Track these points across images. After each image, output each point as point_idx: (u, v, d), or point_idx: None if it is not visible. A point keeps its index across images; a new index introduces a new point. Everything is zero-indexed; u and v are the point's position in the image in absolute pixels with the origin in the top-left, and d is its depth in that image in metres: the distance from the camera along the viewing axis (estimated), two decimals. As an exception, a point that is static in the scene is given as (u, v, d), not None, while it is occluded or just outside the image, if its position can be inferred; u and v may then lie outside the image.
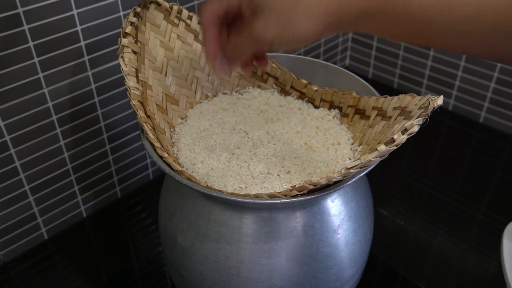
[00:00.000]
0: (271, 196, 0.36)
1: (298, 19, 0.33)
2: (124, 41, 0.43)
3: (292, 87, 0.52)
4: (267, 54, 0.45)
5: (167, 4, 0.47)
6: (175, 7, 0.48)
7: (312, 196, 0.36)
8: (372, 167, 0.36)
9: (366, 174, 0.38)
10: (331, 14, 0.33)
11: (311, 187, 0.36)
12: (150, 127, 0.41)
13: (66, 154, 0.58)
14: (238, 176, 0.41)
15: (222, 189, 0.40)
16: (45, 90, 0.53)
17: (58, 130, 0.56)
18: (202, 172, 0.42)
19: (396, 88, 0.90)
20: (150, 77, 0.46)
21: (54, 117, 0.55)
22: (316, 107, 0.50)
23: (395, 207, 0.65)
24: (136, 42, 0.45)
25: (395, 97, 0.43)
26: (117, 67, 0.58)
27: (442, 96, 0.36)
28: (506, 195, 0.66)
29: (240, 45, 0.36)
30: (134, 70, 0.44)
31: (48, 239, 0.61)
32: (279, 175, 0.41)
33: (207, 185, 0.39)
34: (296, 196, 0.36)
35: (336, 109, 0.49)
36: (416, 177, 0.70)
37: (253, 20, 0.34)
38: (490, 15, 0.29)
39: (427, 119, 0.35)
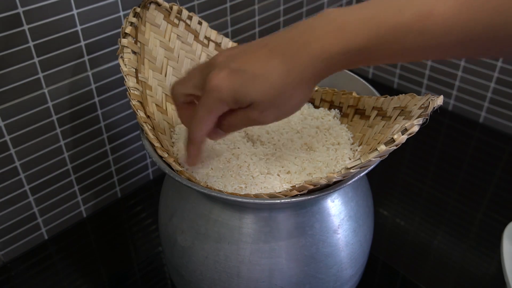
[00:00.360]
0: (271, 196, 0.36)
1: (289, 98, 0.34)
2: (124, 41, 0.43)
3: (292, 87, 0.52)
4: None
5: (167, 4, 0.47)
6: (175, 7, 0.48)
7: (312, 196, 0.36)
8: (372, 167, 0.36)
9: (366, 174, 0.38)
10: (317, 75, 0.34)
11: (311, 187, 0.36)
12: (150, 127, 0.41)
13: (66, 154, 0.58)
14: (238, 176, 0.41)
15: (222, 189, 0.40)
16: (45, 90, 0.53)
17: (58, 130, 0.56)
18: (202, 172, 0.42)
19: (396, 88, 0.90)
20: (150, 77, 0.46)
21: (54, 117, 0.55)
22: (316, 107, 0.50)
23: (395, 207, 0.65)
24: (136, 42, 0.45)
25: (395, 97, 0.43)
26: (117, 67, 0.58)
27: (442, 96, 0.36)
28: (506, 195, 0.66)
29: (235, 123, 0.37)
30: (134, 70, 0.44)
31: (48, 239, 0.61)
32: (279, 175, 0.41)
33: (207, 185, 0.39)
34: (296, 196, 0.36)
35: (336, 109, 0.49)
36: (416, 177, 0.70)
37: (248, 110, 0.35)
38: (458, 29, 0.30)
39: (427, 119, 0.35)
